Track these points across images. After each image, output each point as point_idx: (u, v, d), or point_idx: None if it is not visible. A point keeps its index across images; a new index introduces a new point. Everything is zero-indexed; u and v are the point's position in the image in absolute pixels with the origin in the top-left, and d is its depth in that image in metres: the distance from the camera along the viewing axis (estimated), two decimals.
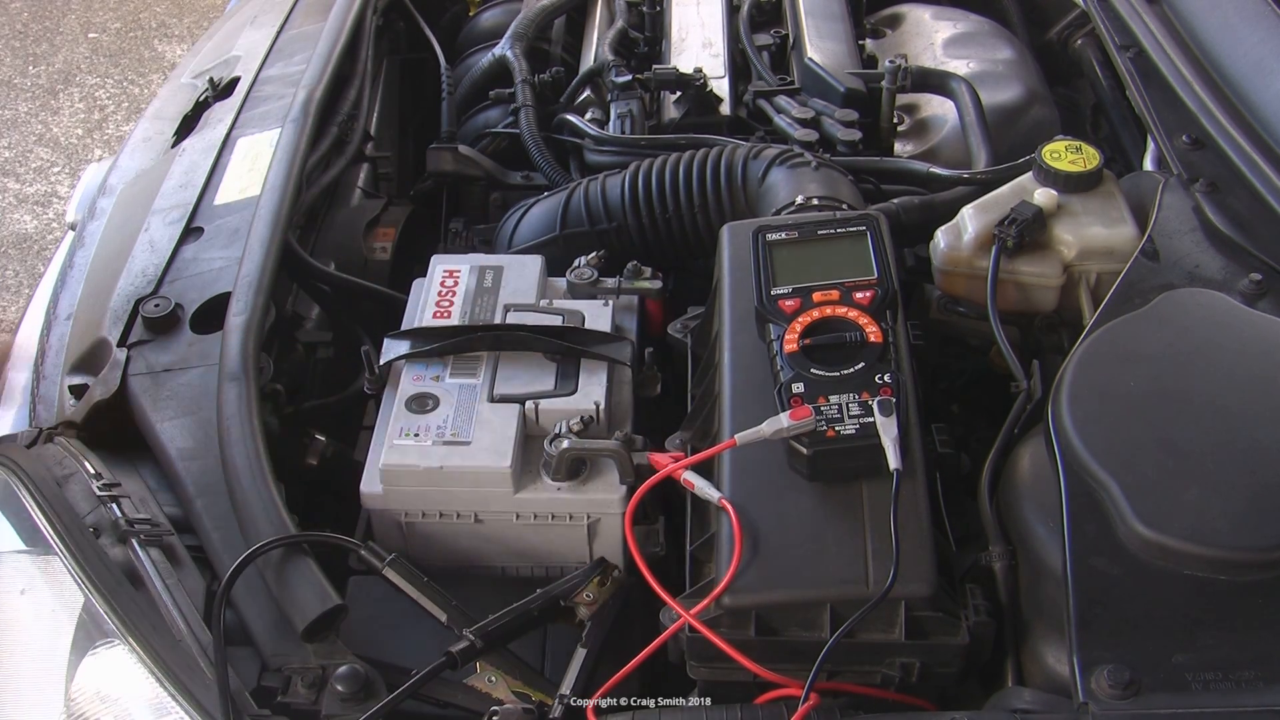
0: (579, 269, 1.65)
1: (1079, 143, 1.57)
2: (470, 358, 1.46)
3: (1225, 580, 1.07)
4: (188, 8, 5.39)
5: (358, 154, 2.11)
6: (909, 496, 1.17)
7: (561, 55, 2.45)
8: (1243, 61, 1.70)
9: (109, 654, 1.22)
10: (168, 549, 1.31)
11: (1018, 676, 1.17)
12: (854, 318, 1.27)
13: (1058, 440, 1.17)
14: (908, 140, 2.07)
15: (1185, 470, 1.12)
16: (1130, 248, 1.46)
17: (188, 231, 1.71)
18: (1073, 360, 1.25)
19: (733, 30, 2.29)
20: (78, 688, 1.22)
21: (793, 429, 1.18)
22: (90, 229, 1.82)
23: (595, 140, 2.00)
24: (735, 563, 1.14)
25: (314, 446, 1.56)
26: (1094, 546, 1.10)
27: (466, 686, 1.20)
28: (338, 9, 2.21)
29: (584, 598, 1.27)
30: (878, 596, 1.10)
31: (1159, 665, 1.02)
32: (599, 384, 1.43)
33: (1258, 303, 1.36)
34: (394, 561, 1.29)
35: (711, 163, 1.76)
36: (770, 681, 1.12)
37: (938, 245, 1.55)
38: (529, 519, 1.38)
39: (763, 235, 1.39)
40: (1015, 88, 2.08)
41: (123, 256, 1.69)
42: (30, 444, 1.43)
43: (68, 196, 4.22)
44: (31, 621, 1.31)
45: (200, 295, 1.59)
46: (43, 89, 4.88)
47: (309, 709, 1.16)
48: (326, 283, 1.79)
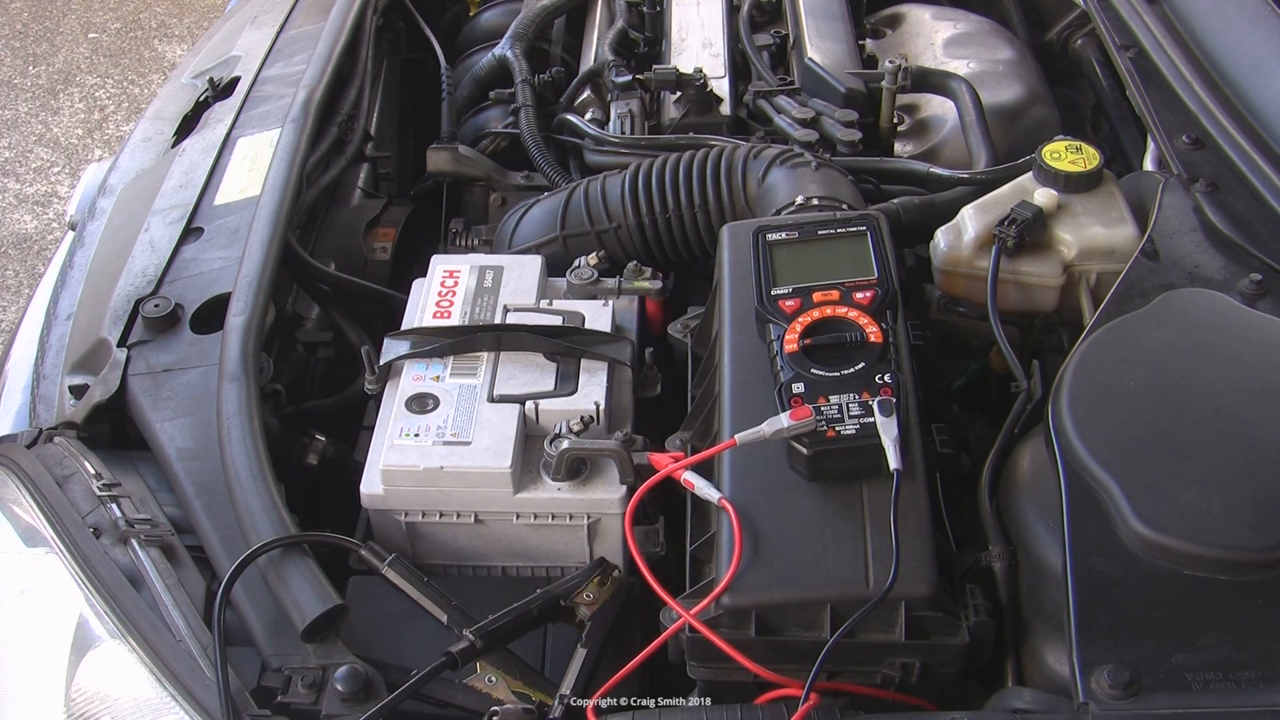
0: (579, 269, 1.65)
1: (1079, 143, 1.57)
2: (470, 358, 1.46)
3: (1225, 580, 1.06)
4: (188, 8, 5.39)
5: (358, 154, 2.11)
6: (909, 496, 1.17)
7: (561, 55, 2.45)
8: (1243, 61, 1.70)
9: (109, 654, 1.22)
10: (168, 549, 1.31)
11: (1018, 676, 1.17)
12: (854, 318, 1.27)
13: (1058, 440, 1.17)
14: (908, 140, 2.07)
15: (1185, 470, 1.12)
16: (1130, 248, 1.46)
17: (188, 231, 1.71)
18: (1073, 360, 1.25)
19: (733, 30, 2.29)
20: (77, 688, 1.22)
21: (793, 429, 1.18)
22: (90, 229, 1.82)
23: (595, 140, 2.00)
24: (735, 563, 1.14)
25: (314, 446, 1.56)
26: (1094, 546, 1.10)
27: (466, 686, 1.20)
28: (338, 9, 2.21)
29: (584, 598, 1.27)
30: (878, 596, 1.10)
31: (1159, 665, 1.02)
32: (599, 384, 1.43)
33: (1258, 303, 1.36)
34: (394, 561, 1.29)
35: (711, 163, 1.76)
36: (770, 681, 1.12)
37: (938, 245, 1.55)
38: (529, 519, 1.38)
39: (763, 235, 1.39)
40: (1015, 88, 2.08)
41: (123, 256, 1.69)
42: (30, 444, 1.43)
43: (68, 196, 4.22)
44: (31, 621, 1.31)
45: (200, 295, 1.59)
46: (43, 89, 4.88)
47: (309, 709, 1.16)
48: (326, 283, 1.79)
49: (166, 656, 1.18)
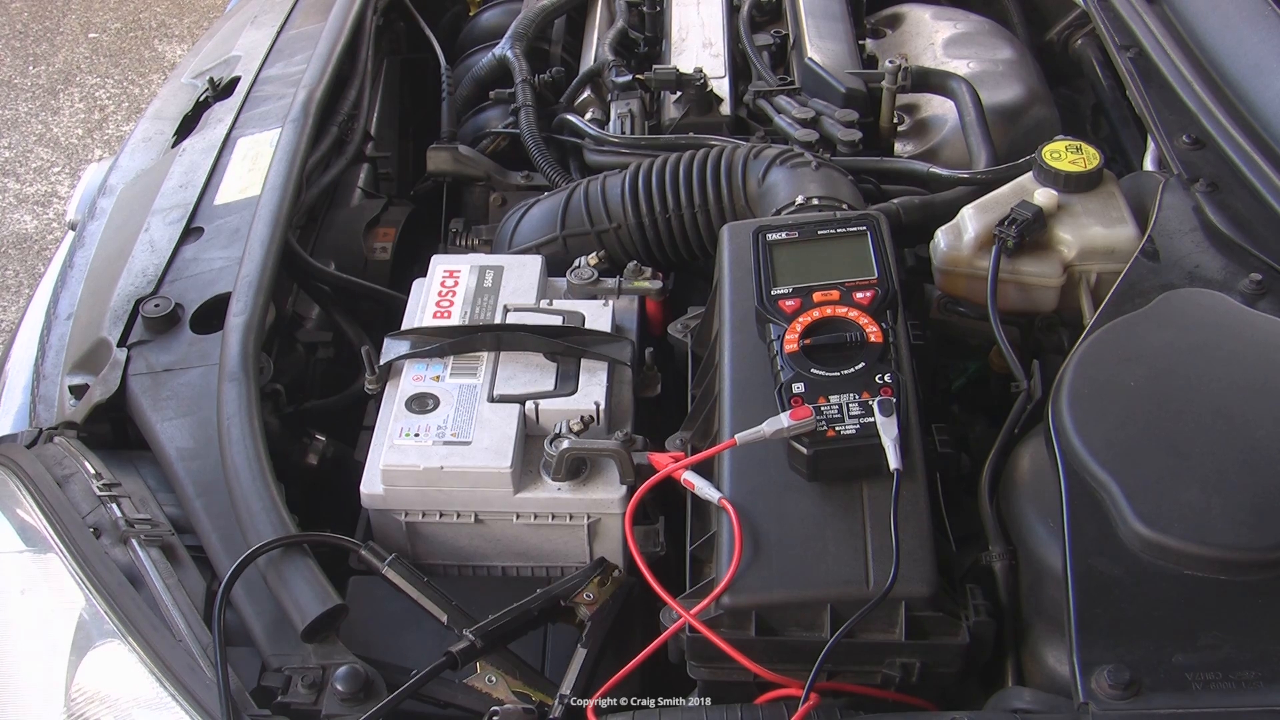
0: (579, 269, 1.65)
1: (1079, 143, 1.57)
2: (470, 358, 1.46)
3: (1225, 580, 1.06)
4: (188, 8, 5.39)
5: (358, 154, 2.11)
6: (909, 496, 1.17)
7: (561, 55, 2.45)
8: (1243, 61, 1.70)
9: (109, 654, 1.22)
10: (168, 549, 1.31)
11: (1018, 676, 1.17)
12: (854, 318, 1.27)
13: (1058, 440, 1.17)
14: (908, 140, 2.07)
15: (1185, 470, 1.12)
16: (1130, 248, 1.46)
17: (188, 231, 1.71)
18: (1073, 360, 1.25)
19: (733, 30, 2.29)
20: (78, 688, 1.22)
21: (793, 429, 1.18)
22: (90, 229, 1.82)
23: (595, 140, 2.00)
24: (735, 563, 1.14)
25: (314, 446, 1.56)
26: (1094, 546, 1.10)
27: (466, 686, 1.20)
28: (338, 9, 2.21)
29: (584, 598, 1.27)
30: (878, 596, 1.10)
31: (1159, 665, 1.02)
32: (599, 384, 1.43)
33: (1258, 303, 1.36)
34: (394, 561, 1.29)
35: (711, 163, 1.76)
36: (770, 681, 1.12)
37: (938, 245, 1.55)
38: (529, 519, 1.38)
39: (763, 235, 1.39)
40: (1015, 88, 2.08)
41: (123, 256, 1.69)
42: (30, 444, 1.43)
43: (68, 196, 4.22)
44: (31, 621, 1.31)
45: (200, 295, 1.59)
46: (43, 89, 4.88)
47: (309, 709, 1.16)
48: (326, 283, 1.80)
49: (166, 656, 1.18)
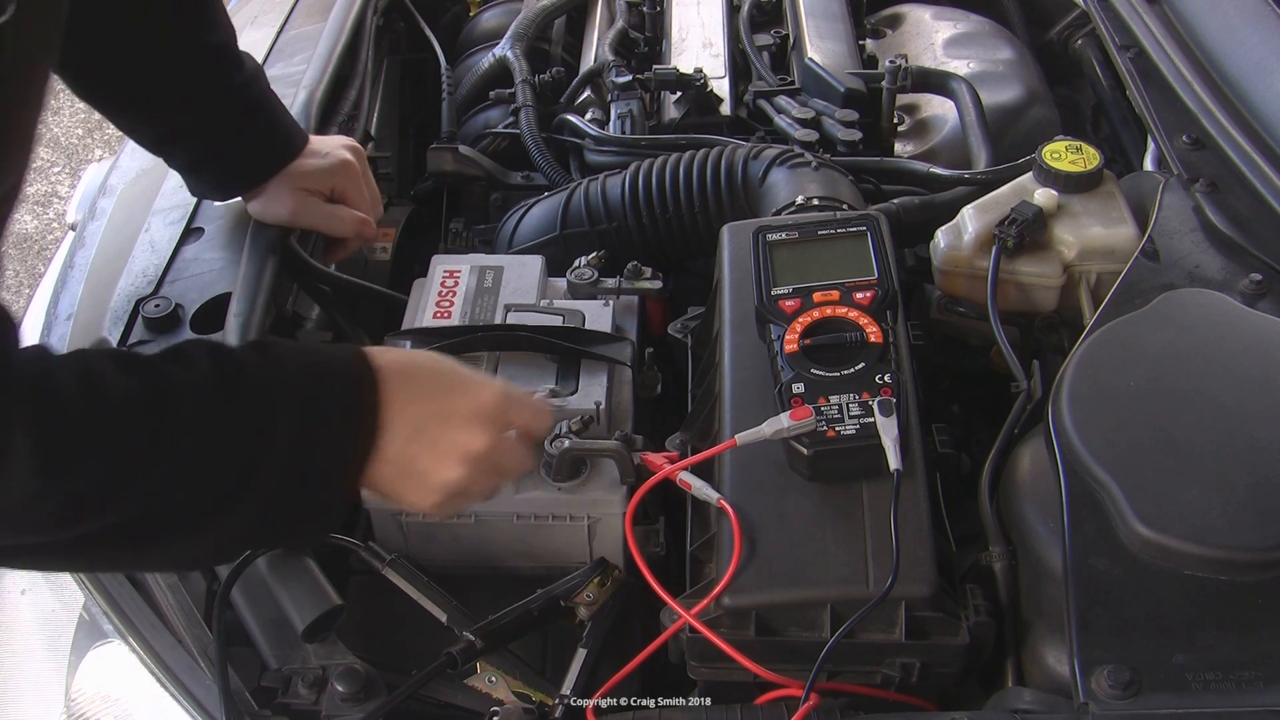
0: (579, 269, 1.65)
1: (1079, 143, 1.57)
2: (470, 358, 1.46)
3: (1225, 580, 1.07)
4: None
5: None
6: (909, 496, 1.17)
7: (561, 55, 2.44)
8: (1243, 61, 1.70)
9: (109, 654, 1.22)
10: None
11: (1018, 676, 1.17)
12: (854, 318, 1.27)
13: (1058, 440, 1.17)
14: (908, 140, 2.07)
15: (1185, 470, 1.12)
16: (1130, 248, 1.46)
17: (188, 231, 1.71)
18: (1073, 360, 1.25)
19: (733, 30, 2.29)
20: (78, 688, 1.22)
21: (793, 429, 1.18)
22: (90, 229, 1.82)
23: (595, 140, 2.00)
24: (735, 563, 1.14)
25: None
26: (1094, 546, 1.10)
27: (466, 686, 1.20)
28: (338, 9, 2.21)
29: (584, 598, 1.27)
30: (878, 597, 1.10)
31: (1159, 665, 1.02)
32: (599, 384, 1.43)
33: (1258, 303, 1.36)
34: (394, 561, 1.29)
35: (711, 163, 1.76)
36: (770, 681, 1.12)
37: (938, 245, 1.55)
38: (529, 519, 1.37)
39: (763, 235, 1.39)
40: (1015, 88, 2.08)
41: (123, 256, 1.68)
42: None
43: (68, 196, 4.22)
44: (31, 621, 1.31)
45: (200, 295, 1.59)
46: None
47: (309, 709, 1.16)
48: (326, 283, 1.79)
49: (166, 656, 1.18)
